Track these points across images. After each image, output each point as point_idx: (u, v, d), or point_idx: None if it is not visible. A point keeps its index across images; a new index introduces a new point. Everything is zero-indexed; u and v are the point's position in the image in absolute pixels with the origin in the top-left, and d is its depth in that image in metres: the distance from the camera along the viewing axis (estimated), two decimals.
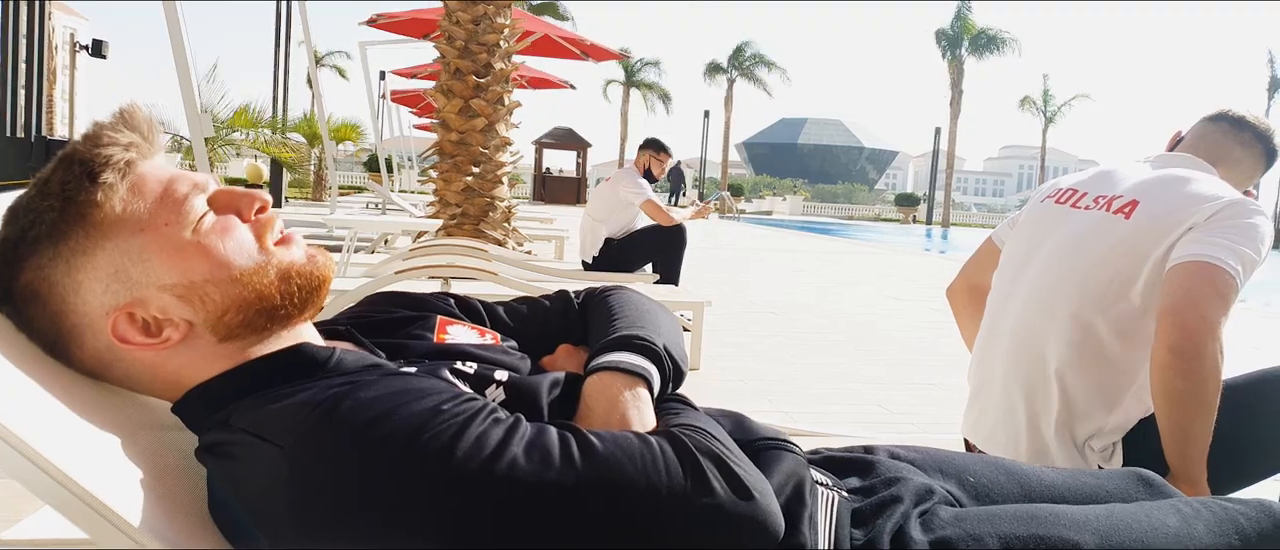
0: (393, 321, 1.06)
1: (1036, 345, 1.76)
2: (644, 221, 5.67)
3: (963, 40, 40.67)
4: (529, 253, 7.13)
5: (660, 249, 5.57)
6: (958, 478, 1.14)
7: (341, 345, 0.95)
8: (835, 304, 7.15)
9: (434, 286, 3.85)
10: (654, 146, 5.75)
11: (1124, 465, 1.66)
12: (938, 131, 41.35)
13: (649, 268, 5.62)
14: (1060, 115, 45.46)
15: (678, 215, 5.62)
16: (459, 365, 0.92)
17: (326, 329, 1.01)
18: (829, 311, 6.61)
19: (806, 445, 1.17)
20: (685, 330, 4.43)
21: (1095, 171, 1.94)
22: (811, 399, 3.75)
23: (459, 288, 3.82)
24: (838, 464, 1.14)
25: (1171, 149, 1.96)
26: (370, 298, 1.13)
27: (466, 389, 0.84)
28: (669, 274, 5.52)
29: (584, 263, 5.65)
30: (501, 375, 0.92)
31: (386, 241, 8.65)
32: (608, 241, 5.56)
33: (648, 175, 5.65)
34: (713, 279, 7.81)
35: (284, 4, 18.36)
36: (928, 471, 1.14)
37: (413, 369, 0.89)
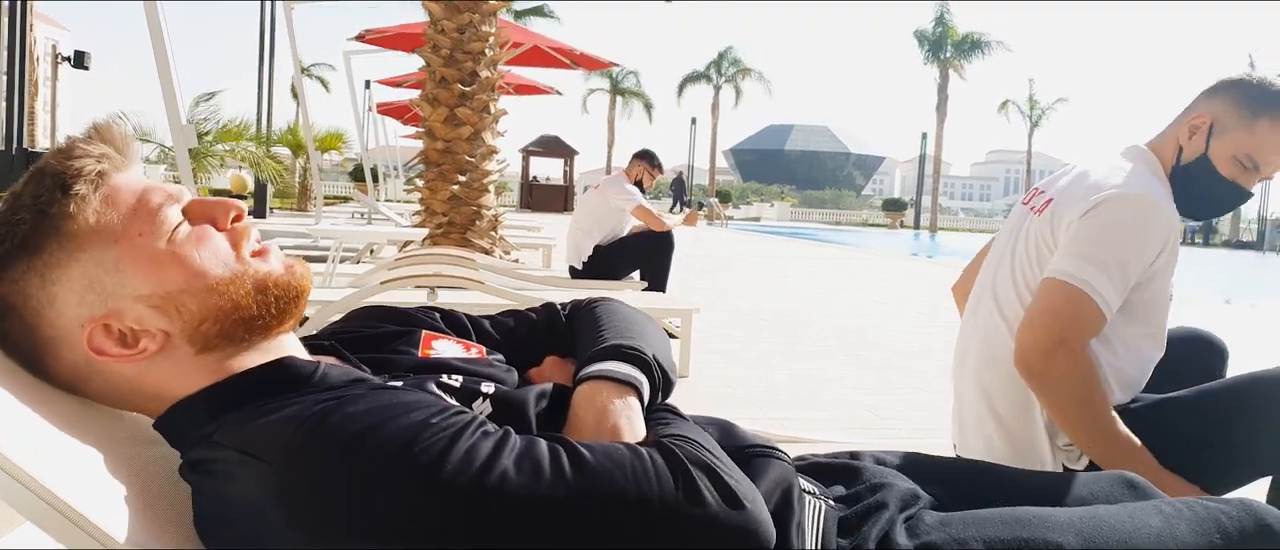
0: (377, 336, 1.06)
1: (995, 348, 1.78)
2: (631, 228, 5.69)
3: (945, 44, 40.90)
4: (516, 261, 7.12)
5: (648, 256, 5.59)
6: (943, 482, 1.14)
7: (326, 360, 0.94)
8: (823, 310, 7.17)
9: (421, 296, 3.84)
10: (648, 159, 5.83)
11: (1090, 463, 1.67)
12: (924, 137, 41.55)
13: (636, 275, 5.64)
14: (1046, 119, 45.84)
15: (669, 220, 5.66)
16: (445, 379, 0.92)
17: (310, 343, 1.00)
18: (817, 317, 6.63)
19: (793, 452, 1.18)
20: (673, 337, 4.43)
21: (1060, 171, 1.96)
22: (799, 405, 3.75)
23: (445, 297, 3.81)
24: (823, 471, 1.15)
25: None
26: (354, 312, 1.13)
27: (454, 403, 0.84)
28: (656, 281, 5.53)
29: (572, 268, 5.66)
30: (488, 388, 0.92)
31: (372, 251, 8.62)
32: (596, 248, 5.57)
33: (639, 186, 5.69)
34: (700, 286, 7.81)
35: (268, 14, 18.30)
36: (913, 477, 1.14)
37: (399, 383, 0.88)
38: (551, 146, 32.75)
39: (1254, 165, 1.65)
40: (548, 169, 34.15)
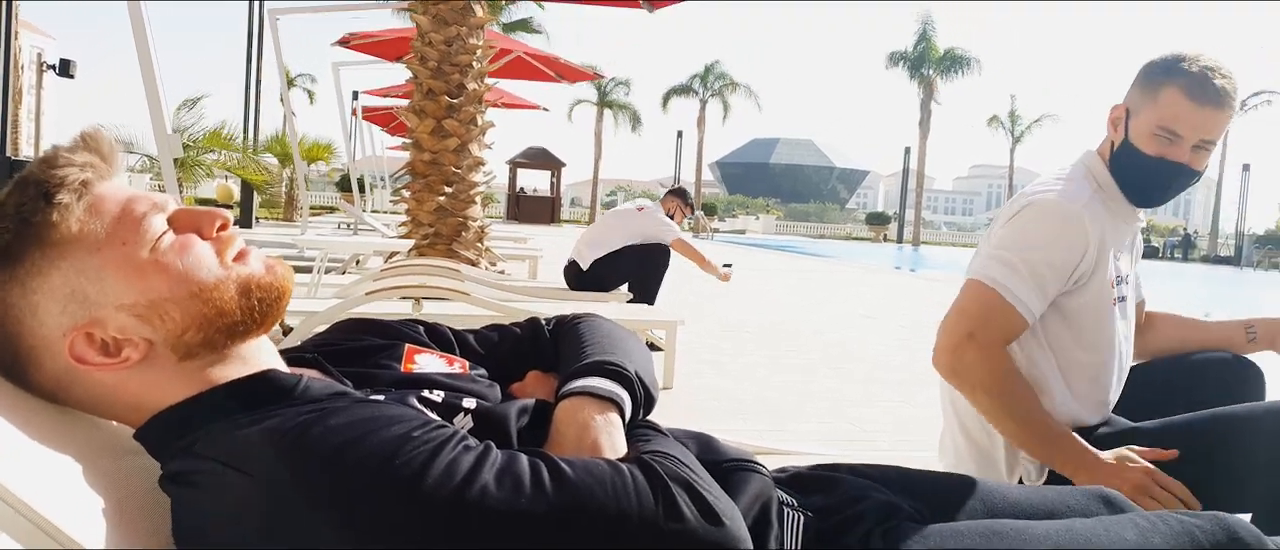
0: (360, 350, 1.06)
1: None
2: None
3: (928, 60, 41.21)
4: (502, 272, 7.11)
5: (641, 267, 5.64)
6: (922, 495, 1.15)
7: (308, 373, 0.94)
8: (808, 322, 7.20)
9: (406, 307, 3.83)
10: (682, 197, 6.26)
11: (1051, 477, 1.70)
12: (907, 151, 41.85)
13: (625, 286, 5.67)
14: (1028, 134, 46.24)
15: (712, 260, 5.86)
16: (426, 394, 0.92)
17: (293, 357, 1.00)
18: (802, 330, 6.65)
19: (775, 463, 1.19)
20: (657, 349, 4.44)
21: None
22: (783, 417, 3.76)
23: (430, 308, 3.81)
24: (804, 483, 1.15)
25: None
26: (338, 325, 1.13)
27: (435, 417, 0.84)
28: (646, 294, 5.57)
29: (574, 263, 5.70)
30: (469, 403, 0.92)
31: (358, 262, 8.60)
32: (602, 256, 5.66)
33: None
34: (686, 298, 7.83)
35: (256, 20, 18.23)
36: (893, 490, 1.15)
37: (381, 397, 0.89)
38: (538, 158, 32.80)
39: (1172, 134, 1.66)
40: (535, 181, 34.23)
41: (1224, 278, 24.61)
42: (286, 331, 3.90)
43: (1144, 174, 1.70)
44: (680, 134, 41.35)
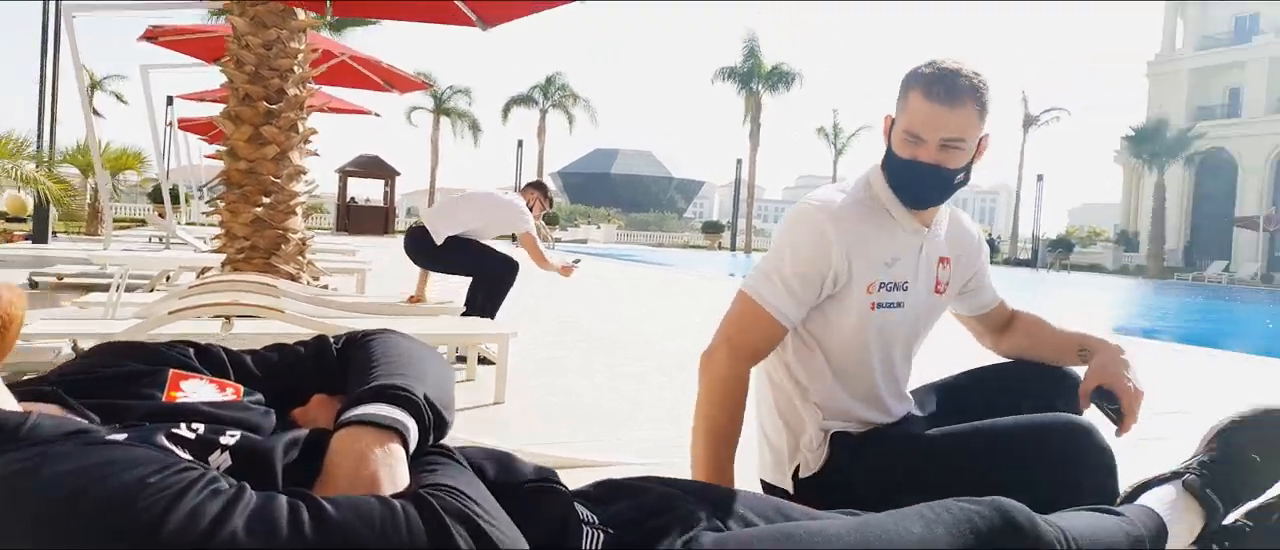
0: (118, 377, 0.96)
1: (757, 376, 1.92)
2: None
3: (754, 76, 42.84)
4: (325, 287, 6.80)
5: (492, 272, 5.55)
6: (726, 507, 1.17)
7: (43, 408, 0.84)
8: (643, 330, 7.28)
9: (215, 327, 3.59)
10: (542, 190, 6.16)
11: (819, 473, 1.80)
12: (739, 162, 43.33)
13: (469, 281, 5.56)
14: (848, 146, 48.84)
15: (552, 259, 5.75)
16: (180, 429, 0.84)
17: (29, 390, 0.90)
18: (638, 337, 6.72)
19: (595, 476, 1.17)
20: (490, 362, 4.36)
21: None
22: (617, 425, 3.77)
23: (243, 327, 3.58)
24: (613, 493, 1.15)
25: None
26: (97, 348, 1.03)
27: (186, 456, 0.77)
28: (489, 306, 5.46)
29: (427, 234, 5.48)
30: (230, 438, 0.85)
31: (167, 279, 8.02)
32: (459, 235, 5.50)
33: None
34: (525, 305, 7.76)
35: (51, 18, 16.67)
36: (699, 500, 1.17)
37: (122, 436, 0.80)
38: (371, 167, 31.73)
39: (915, 137, 1.74)
40: (367, 190, 33.08)
41: (1022, 280, 26.80)
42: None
43: (902, 177, 1.79)
44: (521, 143, 41.10)
